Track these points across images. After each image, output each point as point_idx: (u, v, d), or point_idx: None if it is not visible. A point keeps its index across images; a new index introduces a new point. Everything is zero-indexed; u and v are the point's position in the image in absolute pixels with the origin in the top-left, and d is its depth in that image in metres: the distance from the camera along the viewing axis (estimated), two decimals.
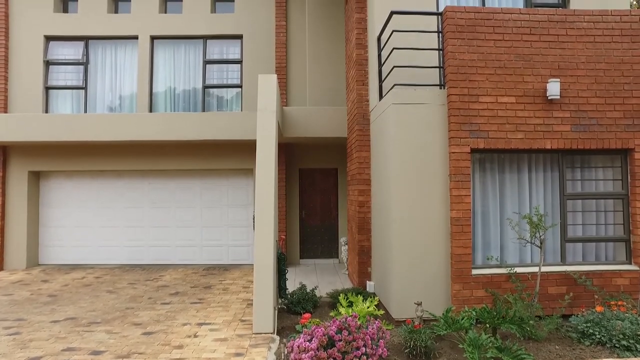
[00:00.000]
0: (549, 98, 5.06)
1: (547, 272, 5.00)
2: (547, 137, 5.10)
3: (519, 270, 5.00)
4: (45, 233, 9.21)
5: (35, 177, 9.18)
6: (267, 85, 5.60)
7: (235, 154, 8.87)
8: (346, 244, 8.37)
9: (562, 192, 5.29)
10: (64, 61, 9.39)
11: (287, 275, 6.34)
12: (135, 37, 9.37)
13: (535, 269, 4.94)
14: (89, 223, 9.20)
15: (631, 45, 5.23)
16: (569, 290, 4.99)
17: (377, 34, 6.00)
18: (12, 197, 8.92)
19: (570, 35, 5.22)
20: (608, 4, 6.31)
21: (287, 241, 8.93)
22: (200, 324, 5.19)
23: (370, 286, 6.31)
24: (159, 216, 9.22)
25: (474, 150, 5.08)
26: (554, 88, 5.02)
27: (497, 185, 5.31)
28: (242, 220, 9.18)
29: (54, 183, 9.29)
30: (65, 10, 9.68)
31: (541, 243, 4.78)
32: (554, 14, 5.27)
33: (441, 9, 6.13)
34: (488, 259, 5.16)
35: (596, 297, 4.96)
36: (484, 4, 6.47)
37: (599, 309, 4.58)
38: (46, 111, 9.26)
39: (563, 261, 5.23)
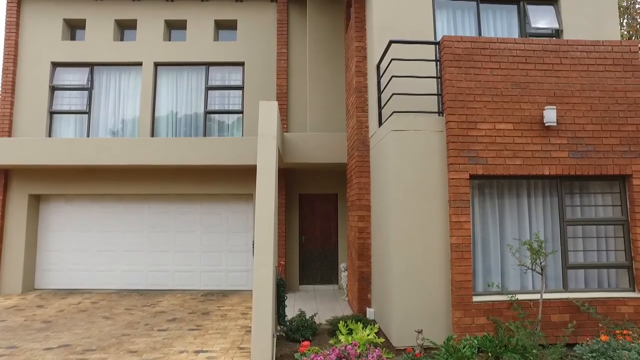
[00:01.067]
0: (546, 125, 5.13)
1: (549, 299, 4.94)
2: (545, 163, 5.14)
3: (520, 297, 4.95)
4: (43, 257, 9.14)
5: (35, 201, 9.19)
6: (268, 111, 5.69)
7: (235, 179, 8.92)
8: (346, 270, 8.29)
9: (561, 218, 5.29)
10: (69, 86, 9.57)
11: (287, 302, 6.26)
12: (140, 64, 9.57)
13: (537, 296, 4.88)
14: (87, 247, 9.15)
15: (624, 74, 5.35)
16: (573, 317, 4.92)
17: (377, 62, 6.14)
18: (11, 220, 8.90)
19: (564, 64, 5.35)
20: (599, 34, 6.50)
21: (286, 267, 8.85)
22: (198, 352, 5.09)
23: (370, 313, 6.22)
24: (158, 241, 9.17)
25: (473, 177, 5.11)
26: (550, 115, 5.10)
27: (496, 211, 5.32)
28: (242, 246, 9.13)
29: (53, 206, 9.29)
30: (72, 37, 9.94)
31: (542, 269, 4.75)
32: (548, 44, 5.41)
33: (439, 39, 6.30)
34: (489, 285, 5.11)
35: (600, 325, 4.89)
36: (480, 34, 6.64)
37: (604, 338, 4.49)
38: (49, 135, 9.36)
39: (565, 288, 5.17)
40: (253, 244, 6.72)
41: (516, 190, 5.36)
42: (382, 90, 5.97)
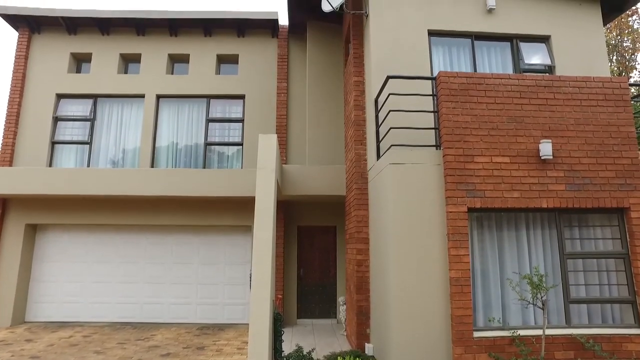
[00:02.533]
0: (542, 158, 5.19)
1: (552, 335, 4.83)
2: (542, 196, 5.16)
3: (522, 332, 4.84)
4: (36, 288, 8.97)
5: (32, 230, 9.13)
6: (267, 144, 5.76)
7: (234, 211, 8.90)
8: (344, 303, 8.15)
9: (561, 251, 5.25)
10: (72, 117, 9.73)
11: (284, 336, 6.11)
12: (142, 96, 9.77)
13: (539, 332, 4.78)
14: (82, 278, 9.01)
15: (615, 109, 5.46)
16: (577, 355, 4.79)
17: (375, 96, 6.27)
18: (6, 250, 8.81)
19: (558, 99, 5.46)
20: (590, 71, 6.69)
21: (284, 300, 8.70)
22: None
23: (369, 349, 6.06)
24: (154, 272, 9.05)
25: (471, 210, 5.12)
26: (546, 148, 5.17)
27: (495, 244, 5.29)
28: (239, 278, 9.00)
29: (50, 236, 9.22)
30: (78, 70, 10.19)
31: (543, 304, 4.67)
32: (541, 79, 5.55)
33: (435, 74, 6.48)
34: (490, 320, 5.01)
35: None
36: (475, 69, 6.82)
37: None
38: (50, 165, 9.42)
39: (568, 323, 5.07)
40: (250, 277, 6.64)
41: (515, 223, 5.35)
42: (380, 124, 6.07)
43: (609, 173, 5.29)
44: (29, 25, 9.89)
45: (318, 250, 9.27)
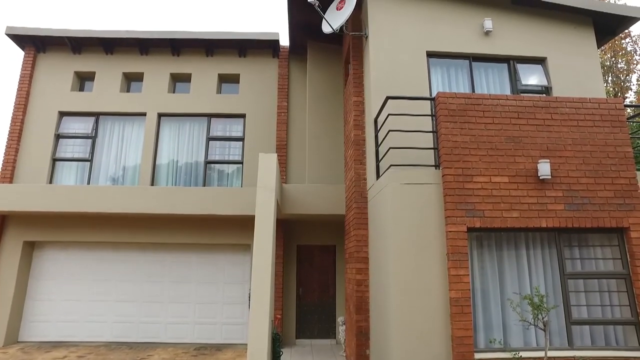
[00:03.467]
0: (541, 178, 5.21)
1: (554, 357, 4.76)
2: (542, 216, 5.16)
3: (524, 354, 4.77)
4: (31, 307, 8.85)
5: (30, 247, 9.07)
6: (268, 163, 5.80)
7: (233, 229, 8.88)
8: (344, 323, 8.05)
9: (562, 271, 5.23)
10: (73, 135, 9.80)
11: (282, 357, 6.03)
12: (144, 114, 9.86)
13: (541, 354, 4.72)
14: (78, 297, 8.91)
15: (612, 129, 5.52)
16: None
17: (374, 116, 6.34)
18: (3, 268, 8.72)
19: (555, 119, 5.52)
20: (586, 92, 6.78)
21: (283, 319, 8.60)
22: None
23: None
24: (152, 291, 8.96)
25: (470, 229, 5.11)
26: (544, 168, 5.20)
27: (495, 264, 5.27)
28: (238, 297, 8.92)
29: (48, 254, 9.14)
30: (81, 88, 10.31)
31: (545, 325, 4.62)
32: (538, 100, 5.62)
33: (434, 94, 6.57)
34: (491, 341, 4.95)
35: None
36: (473, 89, 6.92)
37: None
38: (50, 181, 9.44)
39: (570, 345, 5.01)
40: (249, 296, 6.58)
41: (514, 243, 5.34)
42: (379, 143, 6.12)
43: (607, 193, 5.31)
44: (35, 44, 10.06)
45: (317, 270, 9.21)
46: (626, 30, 14.48)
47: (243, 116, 9.87)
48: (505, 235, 5.33)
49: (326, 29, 7.24)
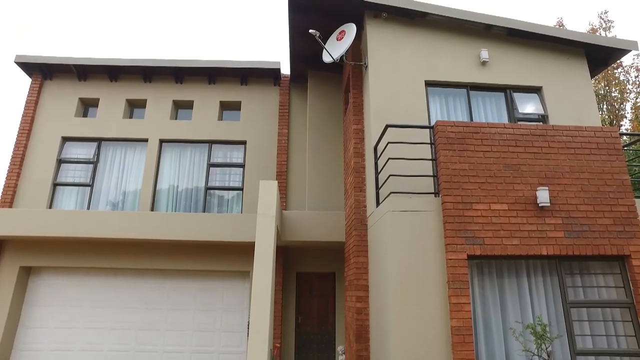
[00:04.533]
0: (540, 205, 5.24)
1: None
2: (542, 243, 5.16)
3: None
4: (23, 334, 8.62)
5: (26, 273, 8.94)
6: (268, 190, 5.84)
7: (233, 256, 8.81)
8: (344, 353, 7.88)
9: (564, 300, 5.18)
10: (75, 160, 9.86)
11: None
12: (146, 140, 9.96)
13: None
14: (73, 324, 8.72)
15: (608, 157, 5.59)
16: None
17: (374, 144, 6.42)
18: None
19: (552, 147, 5.60)
20: (582, 120, 6.92)
21: (281, 349, 8.42)
22: None
23: None
24: (149, 318, 8.80)
25: (470, 257, 5.10)
26: (543, 196, 5.23)
27: (497, 292, 5.22)
28: (237, 325, 8.76)
29: (44, 280, 9.01)
30: (85, 114, 10.45)
31: (549, 356, 4.55)
32: (535, 129, 5.71)
33: (433, 122, 6.68)
34: None
35: None
36: (471, 117, 7.04)
37: None
38: (50, 206, 9.43)
39: None
40: (248, 324, 6.49)
41: (515, 271, 5.32)
42: (379, 171, 6.17)
43: (606, 220, 5.33)
44: (42, 72, 10.27)
45: (317, 297, 9.09)
46: (618, 61, 14.84)
47: (244, 143, 9.98)
48: (505, 263, 5.31)
49: (327, 58, 7.43)
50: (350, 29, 7.24)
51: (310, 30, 6.87)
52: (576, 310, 5.17)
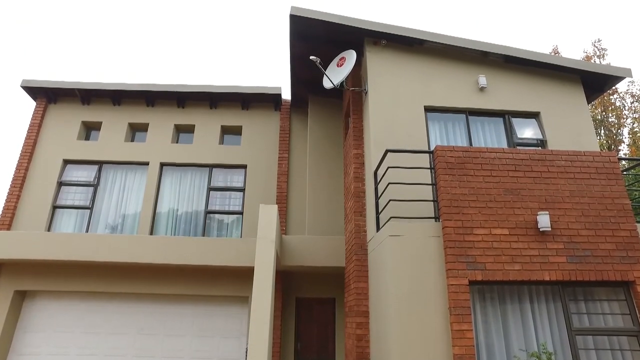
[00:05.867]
0: (541, 230, 5.21)
1: None
2: (544, 269, 5.10)
3: None
4: None
5: (20, 297, 8.76)
6: (268, 215, 5.82)
7: (231, 281, 8.68)
8: None
9: (569, 327, 5.08)
10: (76, 182, 9.87)
11: None
12: (146, 163, 9.99)
13: None
14: (67, 350, 8.49)
15: (608, 182, 5.60)
16: None
17: (374, 168, 6.44)
18: None
19: (552, 172, 5.62)
20: (580, 145, 6.96)
21: None
22: None
23: None
24: (145, 345, 8.59)
25: (472, 282, 5.03)
26: (544, 220, 5.21)
27: (499, 318, 5.13)
28: (234, 352, 8.53)
29: (38, 304, 8.83)
30: (87, 137, 10.53)
31: None
32: (534, 153, 5.74)
33: (432, 147, 6.72)
34: None
35: None
36: (470, 142, 7.08)
37: None
38: (49, 229, 9.38)
39: None
40: (246, 351, 6.34)
41: (518, 297, 5.24)
42: (379, 196, 6.16)
43: (609, 245, 5.29)
44: (47, 96, 10.42)
45: (316, 323, 8.91)
46: (613, 87, 15.08)
47: (244, 167, 10.01)
48: (508, 289, 5.23)
49: (327, 84, 7.56)
50: (351, 56, 7.39)
51: (312, 57, 7.01)
52: (582, 338, 5.06)
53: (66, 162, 10.02)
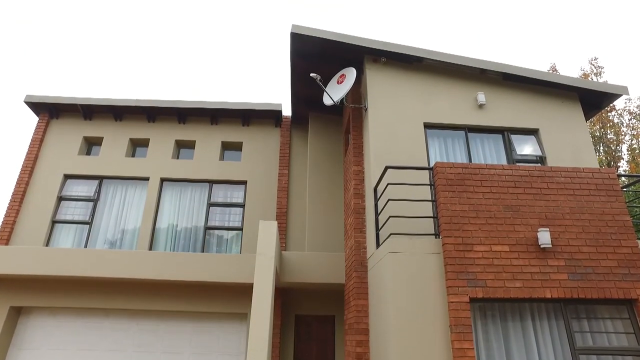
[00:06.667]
0: (542, 246, 5.19)
1: None
2: (545, 286, 5.06)
3: None
4: None
5: (16, 313, 8.62)
6: (268, 231, 5.80)
7: (230, 297, 8.58)
8: None
9: (572, 346, 5.00)
10: (76, 197, 9.85)
11: None
12: (147, 179, 10.00)
13: None
14: None
15: (608, 198, 5.59)
16: None
17: (374, 185, 6.44)
18: None
19: (551, 189, 5.62)
20: (579, 162, 6.99)
21: None
22: None
23: None
24: None
25: (473, 300, 4.98)
26: (544, 237, 5.19)
27: (501, 336, 5.05)
28: None
29: (34, 320, 8.68)
30: (88, 152, 10.56)
31: None
32: (533, 170, 5.76)
33: (432, 163, 6.74)
34: None
35: None
36: (470, 159, 7.10)
37: None
38: (48, 244, 9.33)
39: None
40: None
41: (520, 314, 5.17)
42: (379, 212, 6.15)
43: (610, 262, 5.25)
44: (50, 111, 10.50)
45: (315, 341, 8.77)
46: (611, 104, 15.22)
47: (244, 183, 10.02)
48: (509, 306, 5.17)
49: (327, 101, 7.62)
50: (350, 73, 7.48)
51: (312, 74, 7.09)
52: (586, 358, 4.98)
53: (67, 176, 10.03)
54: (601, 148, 17.89)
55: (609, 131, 18.10)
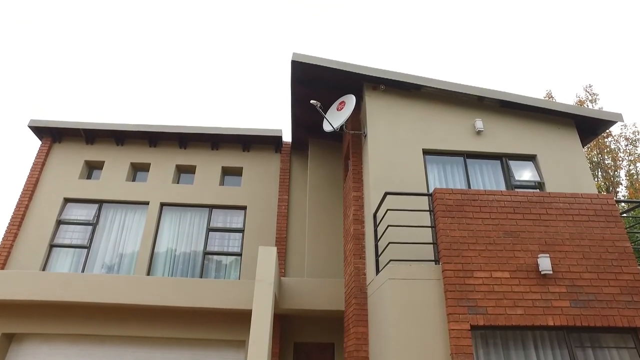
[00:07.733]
0: (542, 273, 5.15)
1: None
2: (547, 313, 4.99)
3: None
4: None
5: (7, 340, 8.39)
6: (267, 257, 5.77)
7: (228, 324, 8.43)
8: None
9: None
10: (75, 221, 9.82)
11: None
12: (147, 203, 10.01)
13: None
14: None
15: (607, 224, 5.59)
16: None
17: (373, 211, 6.44)
18: None
19: (551, 214, 5.62)
20: (577, 187, 7.02)
21: None
22: None
23: None
24: None
25: (474, 327, 4.91)
26: (545, 263, 5.16)
27: None
28: None
29: (27, 348, 8.47)
30: (89, 176, 10.59)
31: None
32: (532, 196, 5.78)
33: (431, 189, 6.78)
34: None
35: None
36: (469, 184, 7.14)
37: None
38: (45, 268, 9.22)
39: None
40: None
41: (522, 343, 5.08)
42: (378, 238, 6.12)
43: (612, 289, 5.20)
44: (53, 135, 10.60)
45: None
46: (607, 131, 15.40)
47: (244, 208, 10.02)
48: (511, 334, 5.09)
49: (327, 127, 7.72)
50: (350, 100, 7.61)
51: (312, 101, 7.22)
52: None
53: (67, 200, 10.03)
54: (599, 173, 17.98)
55: (606, 157, 18.24)
